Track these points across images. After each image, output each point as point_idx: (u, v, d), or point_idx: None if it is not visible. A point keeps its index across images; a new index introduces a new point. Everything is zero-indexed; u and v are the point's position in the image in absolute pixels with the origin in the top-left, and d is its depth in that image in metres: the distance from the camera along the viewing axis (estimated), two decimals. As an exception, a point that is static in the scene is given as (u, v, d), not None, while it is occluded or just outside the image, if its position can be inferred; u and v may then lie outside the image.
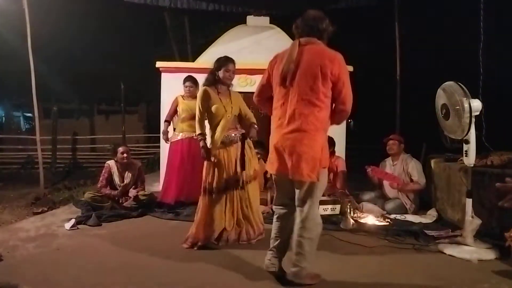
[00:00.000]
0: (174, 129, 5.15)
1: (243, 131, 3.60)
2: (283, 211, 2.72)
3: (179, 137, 4.99)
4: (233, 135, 3.53)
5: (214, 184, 3.45)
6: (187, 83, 5.03)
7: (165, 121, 5.19)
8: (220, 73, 3.48)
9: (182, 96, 5.09)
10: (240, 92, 3.85)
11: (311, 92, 2.46)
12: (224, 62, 3.49)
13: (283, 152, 2.53)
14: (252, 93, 2.98)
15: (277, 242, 2.72)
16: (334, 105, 2.55)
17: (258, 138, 3.80)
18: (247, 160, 3.52)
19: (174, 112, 5.14)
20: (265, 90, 2.77)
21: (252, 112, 3.77)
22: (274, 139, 2.61)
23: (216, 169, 3.46)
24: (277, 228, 2.74)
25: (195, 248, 3.38)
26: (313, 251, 2.60)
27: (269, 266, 2.73)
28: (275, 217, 2.77)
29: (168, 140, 5.13)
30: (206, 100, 3.50)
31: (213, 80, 3.53)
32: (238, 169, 3.50)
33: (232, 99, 3.56)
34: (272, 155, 2.65)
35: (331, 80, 2.46)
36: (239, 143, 3.54)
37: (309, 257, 2.57)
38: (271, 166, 2.65)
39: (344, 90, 2.49)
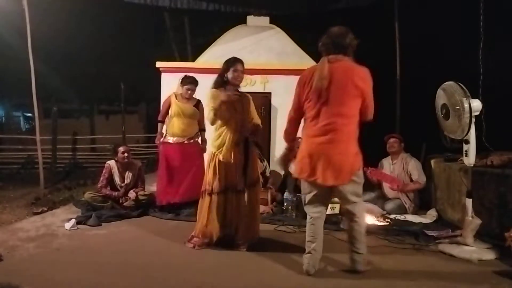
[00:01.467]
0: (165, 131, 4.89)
1: (248, 136, 3.47)
2: (318, 215, 2.89)
3: (170, 141, 4.72)
4: (239, 139, 3.41)
5: (215, 186, 3.40)
6: (190, 86, 4.68)
7: (159, 121, 4.90)
8: (229, 74, 3.40)
9: (176, 96, 4.76)
10: None
11: (343, 106, 2.72)
12: (233, 62, 3.42)
13: (320, 160, 2.74)
14: (252, 93, 2.97)
15: (314, 244, 2.85)
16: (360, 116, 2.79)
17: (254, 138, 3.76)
18: (249, 165, 3.44)
19: (167, 111, 4.84)
20: (301, 107, 2.89)
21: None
22: (308, 148, 2.81)
23: (219, 171, 3.40)
24: (313, 230, 2.88)
25: (197, 248, 3.40)
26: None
27: (310, 269, 2.83)
28: (310, 220, 2.90)
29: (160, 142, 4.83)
30: (217, 101, 3.39)
31: (222, 82, 3.46)
32: (240, 172, 3.41)
33: (243, 102, 3.48)
34: (303, 162, 2.81)
35: (359, 94, 2.72)
36: (242, 146, 3.43)
37: (365, 244, 2.91)
38: (304, 173, 2.82)
39: (368, 103, 2.77)
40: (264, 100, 5.95)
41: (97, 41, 11.74)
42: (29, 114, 17.32)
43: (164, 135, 4.80)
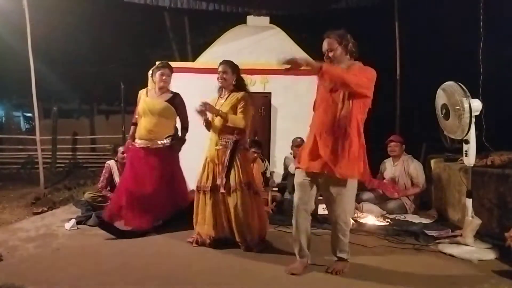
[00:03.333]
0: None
1: (237, 138, 3.38)
2: None
3: (136, 144, 3.94)
4: (224, 139, 3.40)
5: (204, 184, 3.45)
6: (163, 70, 3.86)
7: (133, 123, 4.11)
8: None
9: (147, 92, 4.00)
10: None
11: None
12: (219, 64, 3.48)
13: None
14: (252, 93, 2.97)
15: None
16: None
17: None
18: (234, 168, 3.35)
19: None
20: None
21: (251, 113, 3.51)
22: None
23: (207, 169, 3.46)
24: None
25: (194, 245, 3.43)
26: None
27: None
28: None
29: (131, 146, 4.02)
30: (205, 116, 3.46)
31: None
32: (223, 175, 3.36)
33: (226, 102, 3.42)
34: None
35: None
36: (230, 148, 3.37)
37: None
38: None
39: None
40: (264, 100, 5.95)
41: (97, 41, 11.74)
42: (29, 114, 17.29)
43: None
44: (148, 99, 3.91)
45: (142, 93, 4.02)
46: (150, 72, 4.02)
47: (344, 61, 2.77)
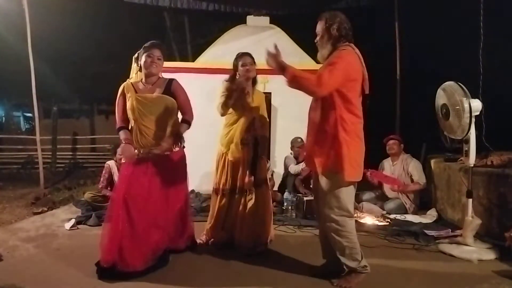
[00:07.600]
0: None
1: (257, 135, 3.36)
2: None
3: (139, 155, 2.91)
4: (249, 137, 3.33)
5: (223, 186, 3.36)
6: (155, 52, 2.95)
7: (121, 128, 3.06)
8: (240, 70, 3.38)
9: (133, 86, 2.99)
10: None
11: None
12: (239, 57, 3.40)
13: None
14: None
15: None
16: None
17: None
18: (258, 164, 3.33)
19: (124, 110, 3.05)
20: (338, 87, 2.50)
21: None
22: (362, 150, 2.60)
23: (227, 171, 3.35)
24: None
25: (207, 244, 3.42)
26: None
27: None
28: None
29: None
30: (229, 95, 3.27)
31: (235, 78, 3.41)
32: (248, 172, 3.31)
33: (255, 99, 3.39)
34: (360, 166, 2.58)
35: None
36: (251, 145, 3.33)
37: None
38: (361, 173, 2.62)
39: None
40: (264, 100, 5.95)
41: (97, 41, 11.75)
42: (29, 114, 17.32)
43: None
44: (139, 96, 2.91)
45: (128, 88, 2.95)
46: (145, 50, 3.00)
47: (326, 47, 2.59)
